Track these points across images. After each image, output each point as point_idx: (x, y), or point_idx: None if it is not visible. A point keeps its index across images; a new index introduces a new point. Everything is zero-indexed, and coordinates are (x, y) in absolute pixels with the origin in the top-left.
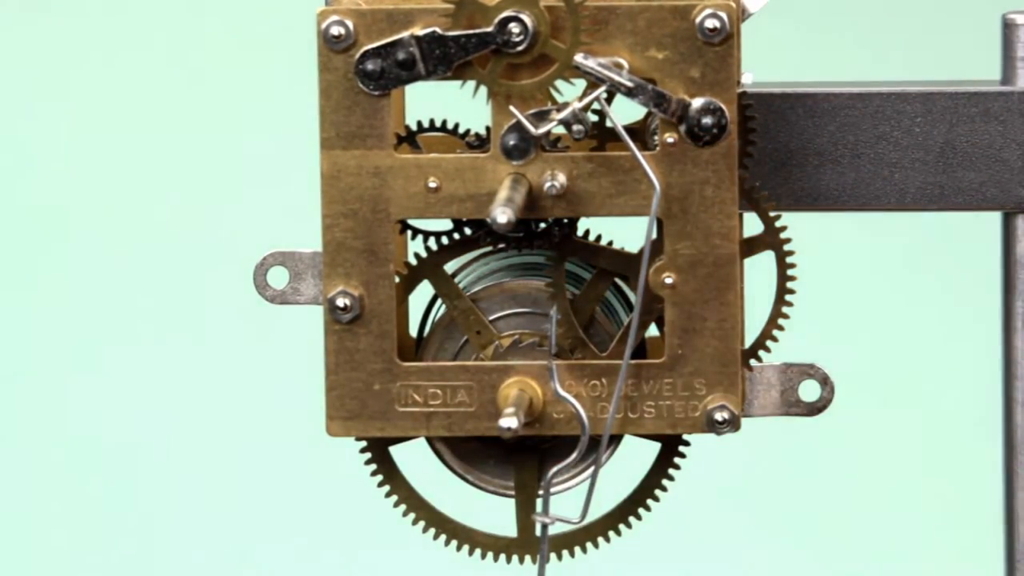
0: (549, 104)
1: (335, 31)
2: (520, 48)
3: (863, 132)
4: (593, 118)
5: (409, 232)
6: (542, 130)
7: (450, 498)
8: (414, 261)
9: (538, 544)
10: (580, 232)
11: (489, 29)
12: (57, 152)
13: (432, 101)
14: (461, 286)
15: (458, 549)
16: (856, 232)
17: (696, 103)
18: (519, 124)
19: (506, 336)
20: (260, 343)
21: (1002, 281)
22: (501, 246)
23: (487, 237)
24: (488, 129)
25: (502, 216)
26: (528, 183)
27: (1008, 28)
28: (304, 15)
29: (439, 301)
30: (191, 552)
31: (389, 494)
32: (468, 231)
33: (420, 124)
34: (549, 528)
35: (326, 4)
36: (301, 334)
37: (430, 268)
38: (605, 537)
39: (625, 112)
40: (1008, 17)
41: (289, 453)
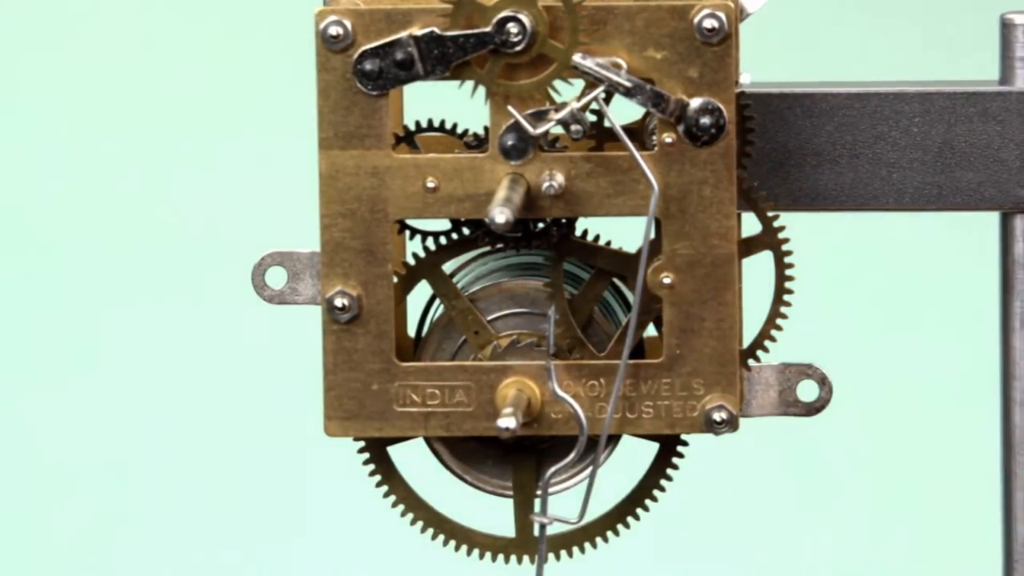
0: (547, 104)
1: (333, 31)
2: (518, 48)
3: (861, 132)
4: (591, 118)
5: (407, 232)
6: (540, 130)
7: (448, 498)
8: (412, 261)
9: (536, 544)
10: (578, 232)
11: (487, 29)
12: (56, 152)
13: (430, 101)
14: (459, 286)
15: (456, 549)
16: (854, 232)
17: (694, 103)
18: (517, 124)
19: (504, 336)
20: (258, 343)
21: (1000, 281)
22: (499, 246)
23: (485, 237)
24: (486, 129)
25: (500, 216)
26: (526, 183)
27: (1006, 28)
28: (303, 15)
29: (437, 301)
30: (190, 552)
31: (387, 494)
32: (466, 231)
33: (418, 124)
34: (547, 528)
35: (324, 4)
36: (299, 334)
37: (428, 268)
38: (603, 537)
39: (623, 112)
40: (1006, 17)
41: (287, 453)
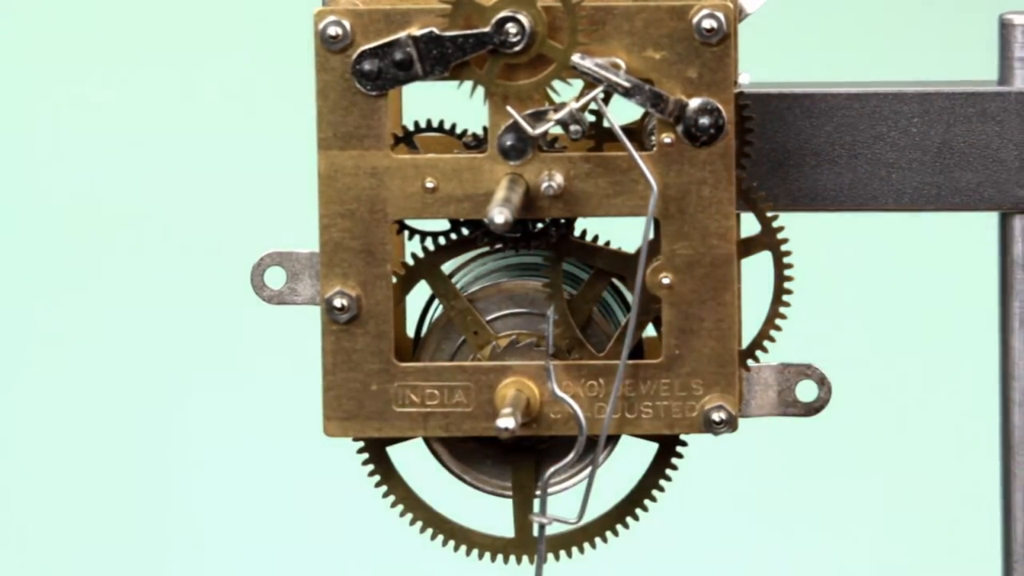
0: (546, 104)
1: (332, 31)
2: (517, 48)
3: (860, 132)
4: (590, 118)
5: (406, 232)
6: (539, 130)
7: (447, 498)
8: (411, 261)
9: (535, 544)
10: (577, 232)
11: (486, 29)
12: (56, 152)
13: (429, 101)
14: (458, 286)
15: (455, 549)
16: (853, 232)
17: (693, 103)
18: (516, 124)
19: (503, 336)
20: (257, 343)
21: (999, 281)
22: (498, 246)
23: (484, 237)
24: (485, 129)
25: (499, 216)
26: (525, 183)
27: (1005, 28)
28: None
29: (436, 301)
30: (189, 552)
31: (387, 494)
32: (465, 231)
33: (417, 124)
34: (546, 528)
35: (323, 4)
36: (298, 334)
37: (427, 268)
38: (602, 537)
39: (622, 112)
40: (1005, 17)
41: (287, 453)
